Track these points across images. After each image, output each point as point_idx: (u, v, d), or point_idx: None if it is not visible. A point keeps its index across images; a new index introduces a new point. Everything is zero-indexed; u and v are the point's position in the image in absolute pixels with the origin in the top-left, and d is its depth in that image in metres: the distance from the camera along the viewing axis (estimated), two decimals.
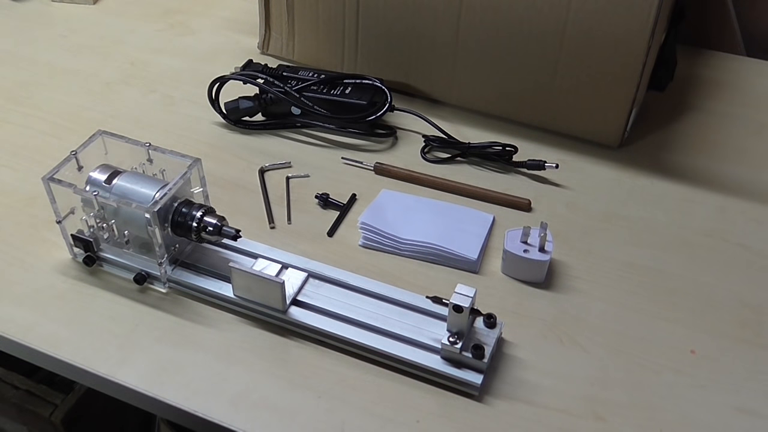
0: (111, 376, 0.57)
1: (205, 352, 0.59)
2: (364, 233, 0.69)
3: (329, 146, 0.82)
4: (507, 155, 0.78)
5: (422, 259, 0.68)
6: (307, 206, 0.73)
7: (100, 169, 0.63)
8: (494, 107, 0.85)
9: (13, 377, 0.92)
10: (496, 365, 0.59)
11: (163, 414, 0.57)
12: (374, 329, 0.59)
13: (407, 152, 0.81)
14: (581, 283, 0.66)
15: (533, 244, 0.65)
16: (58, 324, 0.61)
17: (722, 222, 0.74)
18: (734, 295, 0.66)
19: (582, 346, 0.61)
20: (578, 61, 0.78)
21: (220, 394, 0.56)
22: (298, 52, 0.93)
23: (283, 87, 0.81)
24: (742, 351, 0.61)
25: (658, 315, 0.64)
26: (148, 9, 1.04)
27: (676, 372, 0.59)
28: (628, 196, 0.76)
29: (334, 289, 0.63)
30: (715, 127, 0.87)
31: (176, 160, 0.64)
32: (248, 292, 0.61)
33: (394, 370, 0.58)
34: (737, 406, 0.57)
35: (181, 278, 0.63)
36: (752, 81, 0.95)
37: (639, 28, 0.73)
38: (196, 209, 0.61)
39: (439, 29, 0.82)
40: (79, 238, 0.63)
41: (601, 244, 0.70)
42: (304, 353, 0.60)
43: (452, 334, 0.57)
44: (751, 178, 0.79)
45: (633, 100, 0.78)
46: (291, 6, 0.90)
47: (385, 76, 0.84)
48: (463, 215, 0.72)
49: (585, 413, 0.56)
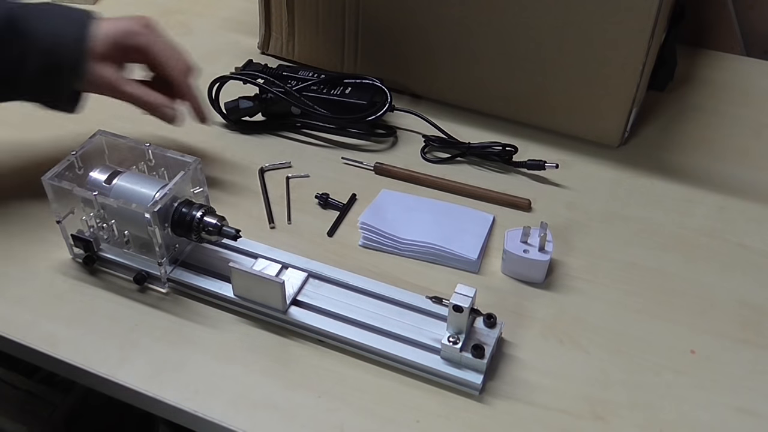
0: (111, 376, 0.57)
1: (205, 352, 0.59)
2: (364, 233, 0.69)
3: (329, 146, 0.82)
4: (507, 155, 0.78)
5: (422, 259, 0.68)
6: (307, 206, 0.73)
7: (100, 169, 0.63)
8: (494, 107, 0.85)
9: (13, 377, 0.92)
10: (496, 365, 0.59)
11: (163, 414, 0.57)
12: (374, 329, 0.59)
13: (407, 152, 0.81)
14: (581, 283, 0.66)
15: (533, 244, 0.65)
16: (58, 324, 0.61)
17: (722, 222, 0.74)
18: (734, 295, 0.66)
19: (582, 346, 0.61)
20: (578, 61, 0.78)
21: (220, 394, 0.56)
22: (298, 52, 0.93)
23: (283, 87, 0.81)
24: (742, 351, 0.61)
25: (658, 315, 0.64)
26: (147, 9, 1.04)
27: (676, 372, 0.59)
28: (628, 196, 0.76)
29: (334, 289, 0.63)
30: (715, 127, 0.87)
31: (176, 160, 0.64)
32: (248, 292, 0.61)
33: (394, 370, 0.58)
34: (737, 406, 0.57)
35: (181, 278, 0.63)
36: (752, 81, 0.95)
37: (639, 28, 0.73)
38: (196, 209, 0.61)
39: (439, 29, 0.82)
40: (79, 238, 0.63)
41: (601, 244, 0.70)
42: (304, 353, 0.60)
43: (452, 334, 0.57)
44: (751, 178, 0.79)
45: (633, 100, 0.78)
46: (291, 6, 0.90)
47: (385, 76, 0.84)
48: (463, 215, 0.72)
49: (585, 413, 0.56)
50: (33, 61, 0.64)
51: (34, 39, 0.63)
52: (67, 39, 0.64)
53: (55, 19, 0.65)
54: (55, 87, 0.66)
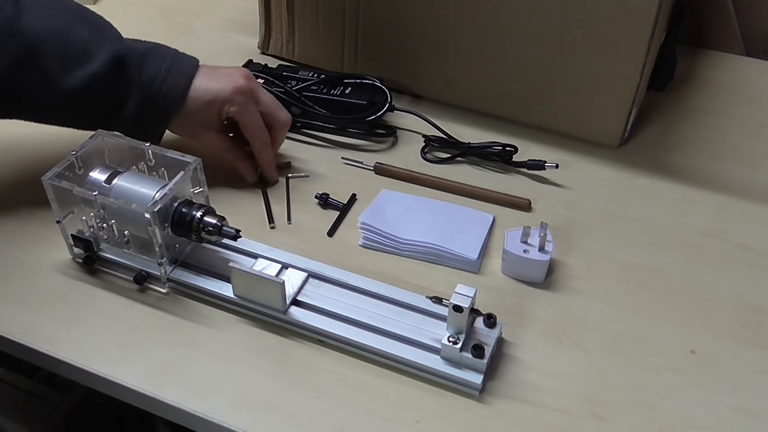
0: (111, 376, 0.57)
1: (204, 352, 0.59)
2: (364, 233, 0.69)
3: (329, 146, 0.82)
4: (507, 155, 0.78)
5: (422, 259, 0.68)
6: (307, 206, 0.73)
7: (100, 169, 0.63)
8: (494, 107, 0.85)
9: (13, 377, 0.92)
10: (496, 365, 0.59)
11: (163, 414, 0.57)
12: (374, 329, 0.59)
13: (407, 152, 0.81)
14: (581, 283, 0.66)
15: (533, 244, 0.65)
16: (58, 324, 0.61)
17: (722, 222, 0.74)
18: (734, 295, 0.66)
19: (582, 346, 0.61)
20: (578, 61, 0.78)
21: (220, 394, 0.56)
22: (298, 52, 0.93)
23: (283, 87, 0.81)
24: (742, 351, 0.61)
25: (658, 315, 0.64)
26: (148, 9, 1.04)
27: (676, 372, 0.59)
28: (628, 196, 0.76)
29: (334, 289, 0.63)
30: (715, 127, 0.87)
31: (176, 160, 0.64)
32: (248, 292, 0.61)
33: (394, 370, 0.58)
34: (737, 406, 0.57)
35: (181, 278, 0.63)
36: (752, 81, 0.95)
37: (639, 28, 0.73)
38: (196, 209, 0.61)
39: (439, 29, 0.82)
40: (79, 238, 0.63)
41: (601, 244, 0.70)
42: (304, 353, 0.60)
43: (452, 334, 0.57)
44: (751, 178, 0.79)
45: (633, 100, 0.78)
46: (291, 6, 0.90)
47: (385, 76, 0.84)
48: (463, 215, 0.72)
49: (585, 413, 0.56)
50: (134, 103, 0.66)
51: (139, 84, 0.66)
52: (172, 90, 0.67)
53: (162, 66, 0.67)
54: (147, 130, 0.69)
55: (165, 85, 0.66)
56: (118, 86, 0.66)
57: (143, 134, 0.68)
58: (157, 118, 0.68)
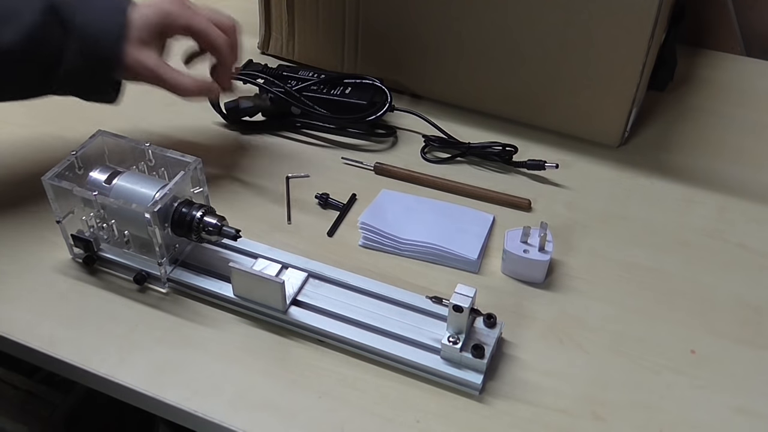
0: (111, 376, 0.57)
1: (204, 352, 0.59)
2: (364, 233, 0.69)
3: (329, 146, 0.82)
4: (507, 155, 0.78)
5: (422, 259, 0.68)
6: (307, 206, 0.73)
7: (100, 169, 0.63)
8: (494, 107, 0.85)
9: (13, 377, 0.92)
10: (496, 365, 0.59)
11: (163, 414, 0.57)
12: (374, 329, 0.59)
13: (407, 152, 0.81)
14: (581, 283, 0.66)
15: (533, 244, 0.65)
16: (58, 324, 0.61)
17: (722, 222, 0.74)
18: (734, 295, 0.66)
19: (582, 346, 0.61)
20: (578, 61, 0.78)
21: (220, 394, 0.56)
22: (298, 52, 0.93)
23: (283, 87, 0.81)
24: (742, 351, 0.61)
25: (658, 315, 0.64)
26: None
27: (676, 372, 0.59)
28: (628, 196, 0.76)
29: (334, 289, 0.63)
30: (715, 127, 0.87)
31: (176, 160, 0.64)
32: (248, 292, 0.61)
33: (394, 370, 0.58)
34: (737, 406, 0.57)
35: (181, 278, 0.63)
36: (752, 81, 0.95)
37: (639, 28, 0.73)
38: (196, 209, 0.61)
39: (439, 29, 0.82)
40: (79, 238, 0.63)
41: (601, 244, 0.70)
42: (304, 353, 0.60)
43: (452, 334, 0.57)
44: (751, 178, 0.79)
45: (633, 100, 0.78)
46: (291, 6, 0.90)
47: (385, 76, 0.84)
48: (463, 215, 0.72)
49: (585, 413, 0.56)
50: (74, 50, 0.63)
51: (75, 28, 0.63)
52: (108, 26, 0.64)
53: (95, 7, 0.64)
54: (96, 76, 0.66)
55: (103, 23, 0.64)
56: (54, 35, 0.63)
57: (94, 85, 0.65)
58: (102, 60, 0.64)
